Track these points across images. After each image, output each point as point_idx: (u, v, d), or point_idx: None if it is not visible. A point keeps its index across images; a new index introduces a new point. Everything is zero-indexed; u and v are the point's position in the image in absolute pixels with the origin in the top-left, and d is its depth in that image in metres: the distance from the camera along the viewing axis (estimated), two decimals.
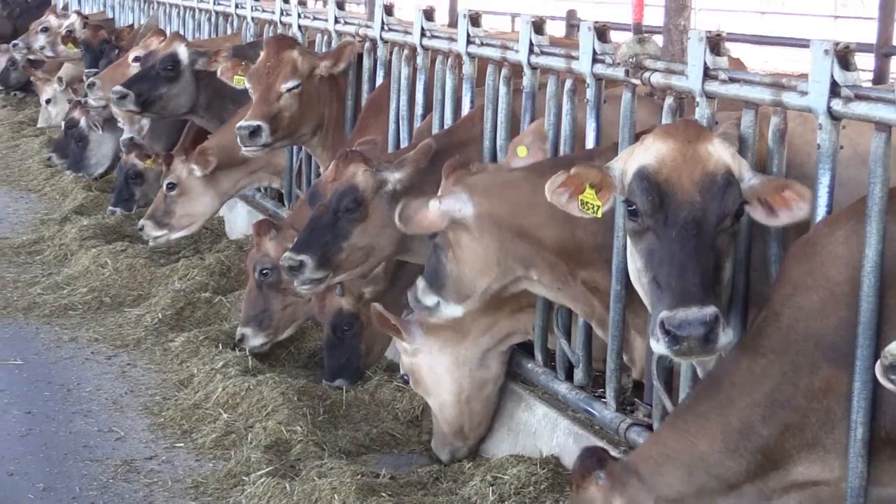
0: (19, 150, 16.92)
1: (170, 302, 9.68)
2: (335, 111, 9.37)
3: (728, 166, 4.81)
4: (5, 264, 11.21)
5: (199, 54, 10.88)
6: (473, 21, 7.83)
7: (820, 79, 4.89)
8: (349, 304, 7.95)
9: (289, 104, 8.99)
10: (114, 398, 8.13)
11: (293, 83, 9.00)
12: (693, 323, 4.54)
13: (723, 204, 4.75)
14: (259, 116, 8.85)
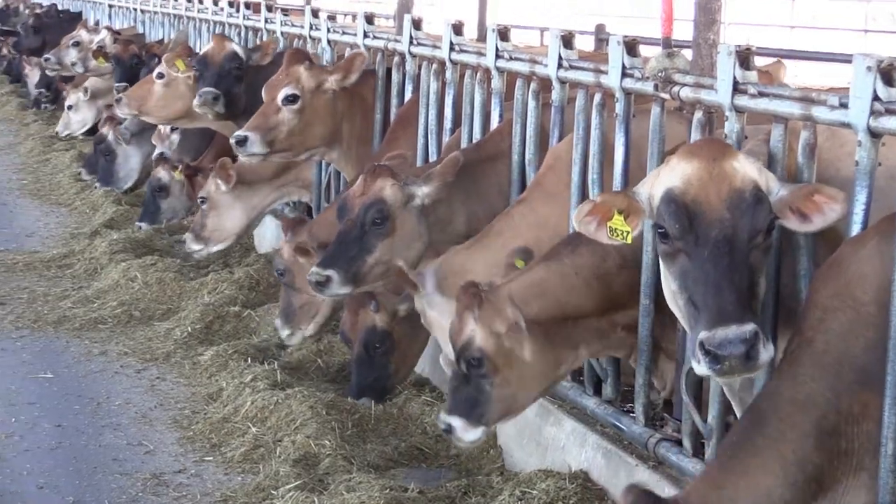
0: (50, 164, 17.01)
1: (199, 316, 9.71)
2: (357, 125, 9.36)
3: (755, 181, 4.77)
4: (36, 278, 11.26)
5: (252, 50, 10.93)
6: (502, 35, 7.83)
7: (862, 95, 4.84)
8: (383, 321, 7.94)
9: (287, 118, 9.02)
10: (143, 412, 8.15)
11: (291, 97, 9.03)
12: (733, 341, 4.50)
13: (753, 220, 4.71)
14: (250, 128, 8.98)
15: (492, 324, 5.72)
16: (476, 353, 5.73)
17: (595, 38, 15.98)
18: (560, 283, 5.94)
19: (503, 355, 5.75)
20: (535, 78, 7.35)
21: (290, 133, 9.03)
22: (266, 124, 8.98)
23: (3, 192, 15.38)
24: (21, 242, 12.72)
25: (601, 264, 6.01)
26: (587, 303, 5.96)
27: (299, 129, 9.05)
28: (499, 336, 5.72)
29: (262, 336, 9.36)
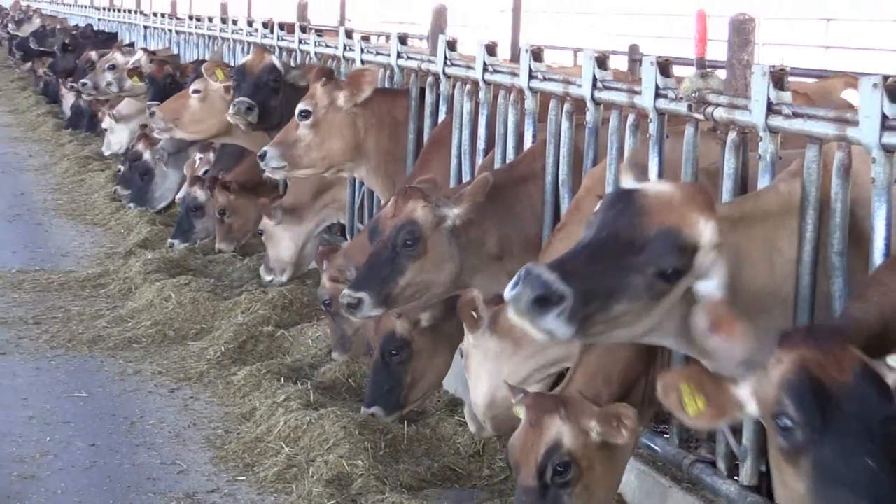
0: (85, 184, 17.11)
1: (232, 335, 9.73)
2: (385, 142, 9.36)
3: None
4: (71, 298, 11.31)
5: (291, 67, 11.00)
6: (535, 56, 7.84)
7: (870, 113, 4.86)
8: (403, 328, 7.85)
9: (303, 134, 9.09)
10: (177, 431, 8.16)
11: (304, 113, 9.10)
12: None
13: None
14: (272, 143, 9.17)
15: (583, 422, 5.46)
16: (565, 456, 5.44)
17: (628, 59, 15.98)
18: (612, 360, 5.80)
19: (587, 458, 5.47)
20: (569, 98, 7.35)
21: (307, 148, 9.08)
22: (286, 140, 9.09)
23: (39, 212, 15.47)
24: (56, 262, 12.78)
25: None
26: (640, 366, 5.87)
27: (316, 145, 9.09)
28: (588, 436, 5.46)
29: (295, 356, 9.38)
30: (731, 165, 5.81)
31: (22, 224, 14.77)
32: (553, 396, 5.69)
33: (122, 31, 25.17)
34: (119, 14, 27.09)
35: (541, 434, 5.52)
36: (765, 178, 5.60)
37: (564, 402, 5.59)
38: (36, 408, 8.52)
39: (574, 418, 5.52)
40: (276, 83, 10.82)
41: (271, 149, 9.05)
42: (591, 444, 5.53)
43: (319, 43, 12.31)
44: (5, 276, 12.00)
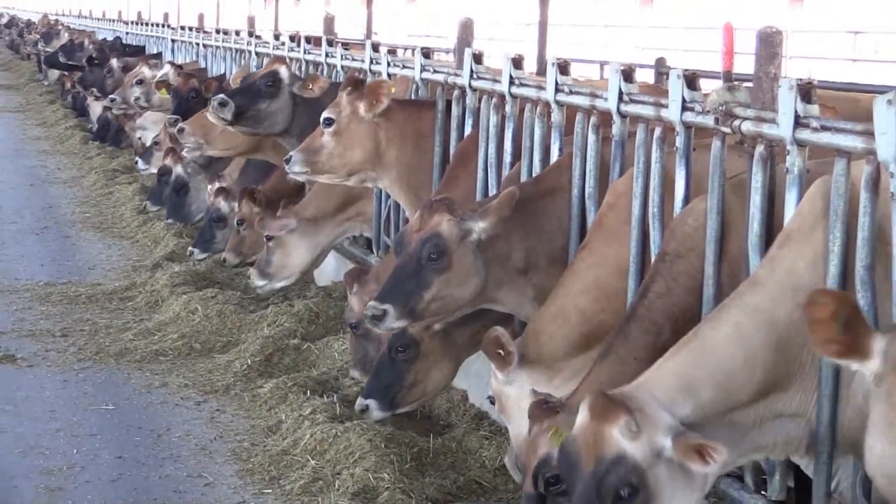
0: (113, 197, 17.19)
1: (259, 348, 9.75)
2: (408, 154, 9.34)
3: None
4: (98, 310, 11.36)
5: (298, 78, 11.02)
6: (562, 69, 7.82)
7: (886, 130, 4.85)
8: (415, 328, 7.85)
9: (326, 141, 9.10)
10: (203, 444, 8.18)
11: (328, 121, 9.12)
12: None
13: None
14: (297, 148, 9.22)
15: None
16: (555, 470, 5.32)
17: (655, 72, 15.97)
18: (622, 373, 5.73)
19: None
20: (595, 111, 7.34)
21: (329, 156, 9.10)
22: (309, 146, 9.13)
23: (67, 225, 15.55)
24: (83, 275, 12.84)
25: (656, 340, 5.88)
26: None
27: (337, 153, 9.11)
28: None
29: (321, 369, 9.39)
30: (758, 179, 5.79)
31: (50, 237, 14.84)
32: (550, 407, 5.68)
33: (150, 44, 25.29)
34: (146, 28, 27.23)
35: (535, 447, 5.57)
36: (792, 192, 5.57)
37: (555, 414, 5.59)
38: (63, 420, 8.55)
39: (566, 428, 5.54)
40: (271, 88, 10.85)
41: (296, 154, 9.12)
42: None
43: (346, 56, 12.34)
44: (33, 289, 12.06)
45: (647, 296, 5.99)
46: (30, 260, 13.51)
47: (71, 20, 43.89)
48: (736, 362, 5.03)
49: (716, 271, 5.96)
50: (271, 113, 10.88)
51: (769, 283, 5.14)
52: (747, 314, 5.11)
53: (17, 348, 10.08)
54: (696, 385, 5.00)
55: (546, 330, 6.65)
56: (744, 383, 5.06)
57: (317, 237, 10.72)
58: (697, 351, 5.09)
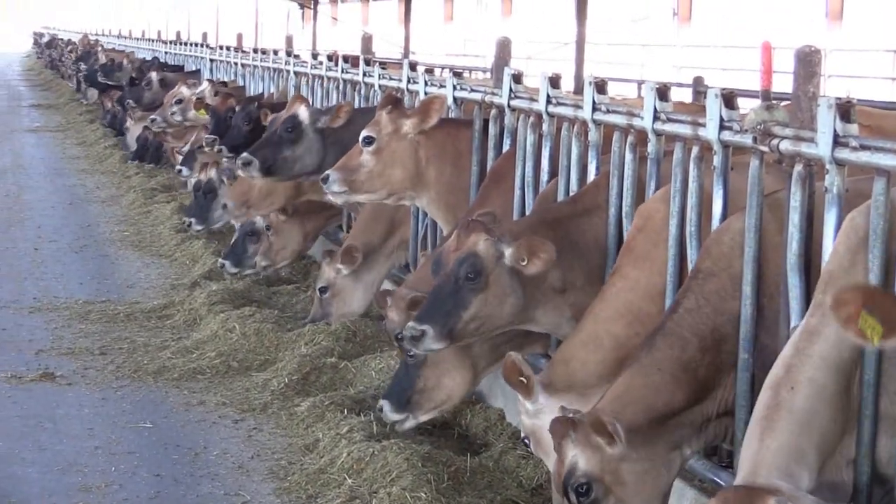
0: (151, 215, 17.27)
1: (296, 367, 9.76)
2: (447, 173, 9.35)
3: None
4: (136, 329, 11.40)
5: (321, 112, 11.03)
6: (599, 88, 7.83)
7: None
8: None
9: (365, 160, 9.10)
10: (240, 462, 8.19)
11: (368, 139, 9.12)
12: None
13: None
14: (334, 167, 9.21)
15: (590, 441, 5.58)
16: (582, 478, 5.58)
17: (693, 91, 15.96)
18: (645, 384, 5.82)
19: (610, 474, 5.59)
20: (633, 130, 7.33)
21: (369, 175, 9.11)
22: (347, 165, 9.12)
23: (105, 244, 15.63)
24: (122, 293, 12.90)
25: (682, 354, 5.90)
26: (677, 396, 5.83)
27: (378, 171, 9.12)
28: (602, 453, 5.58)
29: (358, 387, 9.39)
30: (797, 198, 5.77)
31: (89, 255, 14.92)
32: (567, 420, 5.70)
33: (189, 63, 25.45)
34: (185, 47, 27.38)
35: (561, 459, 5.62)
36: (831, 212, 5.55)
37: (574, 425, 5.60)
38: (101, 438, 8.58)
39: (584, 438, 5.56)
40: (292, 133, 10.88)
41: (334, 173, 9.12)
42: (610, 458, 5.57)
43: (383, 76, 12.37)
44: (72, 307, 12.12)
45: (678, 311, 5.99)
46: (69, 278, 13.58)
47: (111, 40, 44.20)
48: (825, 419, 5.02)
49: (754, 291, 5.94)
50: (299, 157, 10.94)
51: (825, 329, 5.07)
52: (817, 367, 5.04)
53: (56, 366, 10.14)
54: (805, 453, 5.01)
55: (577, 356, 6.63)
56: (835, 436, 5.09)
57: (371, 275, 10.84)
58: (788, 419, 5.04)
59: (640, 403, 5.77)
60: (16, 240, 15.77)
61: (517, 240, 6.90)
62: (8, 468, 8.00)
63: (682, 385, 5.85)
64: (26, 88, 46.71)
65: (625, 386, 5.85)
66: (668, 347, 5.89)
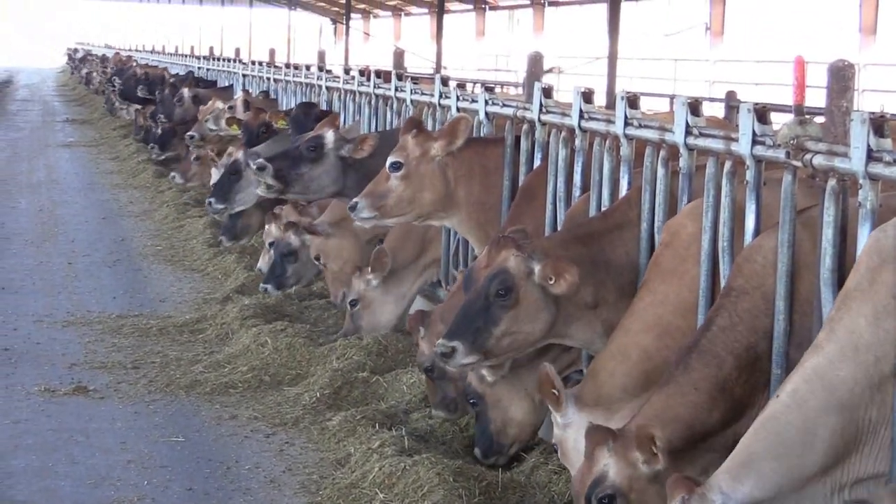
0: (184, 230, 17.33)
1: (328, 381, 9.76)
2: (476, 191, 9.33)
3: None
4: (169, 343, 11.44)
5: (346, 140, 11.02)
6: (631, 103, 7.82)
7: None
8: (476, 381, 7.91)
9: (394, 185, 9.06)
10: (272, 476, 8.20)
11: (396, 165, 9.08)
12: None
13: None
14: (362, 194, 9.17)
15: (627, 455, 5.57)
16: (609, 489, 5.58)
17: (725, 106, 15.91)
18: (682, 404, 5.81)
19: (638, 492, 5.58)
20: (665, 145, 7.32)
21: (399, 199, 9.07)
22: (375, 191, 9.09)
23: (138, 258, 15.69)
24: (154, 307, 12.95)
25: (718, 373, 5.88)
26: (713, 416, 5.82)
27: (408, 196, 9.08)
28: (635, 470, 5.58)
29: (389, 402, 9.39)
30: (830, 213, 5.75)
31: (122, 269, 14.98)
32: (607, 429, 5.68)
33: (221, 79, 25.57)
34: (218, 63, 27.52)
35: (591, 466, 5.60)
36: (865, 227, 5.52)
37: (615, 435, 5.58)
38: (134, 451, 8.60)
39: (622, 451, 5.55)
40: (314, 152, 10.90)
41: (362, 199, 9.08)
42: (641, 476, 5.56)
43: (415, 91, 12.39)
44: (105, 321, 12.17)
45: (711, 329, 5.97)
46: (102, 292, 13.64)
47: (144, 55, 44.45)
48: (791, 430, 4.97)
49: (787, 307, 5.92)
50: (316, 177, 10.95)
51: (827, 346, 5.06)
52: (805, 379, 5.05)
53: (89, 380, 10.17)
54: (756, 459, 4.99)
55: (605, 367, 6.65)
56: (805, 451, 5.00)
57: (401, 288, 10.86)
58: (758, 423, 5.06)
59: (678, 423, 5.75)
60: (50, 254, 15.85)
61: (546, 257, 6.90)
62: (41, 481, 8.03)
63: (719, 405, 5.83)
64: (60, 104, 47.01)
65: (662, 404, 5.83)
66: (703, 366, 5.87)
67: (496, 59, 54.45)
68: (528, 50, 10.84)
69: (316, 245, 11.87)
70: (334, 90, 15.78)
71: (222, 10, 67.39)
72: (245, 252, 15.15)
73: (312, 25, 78.11)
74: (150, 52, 45.80)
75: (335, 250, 11.75)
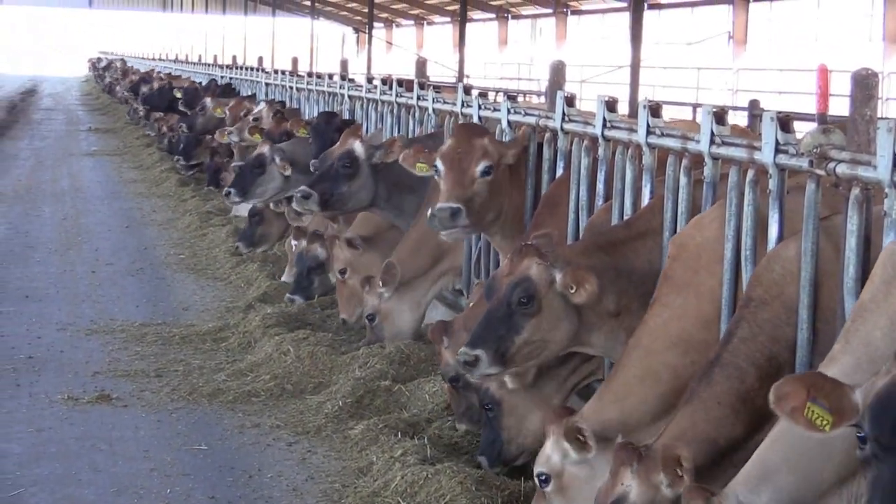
0: (207, 238, 17.37)
1: (350, 390, 9.77)
2: (514, 199, 9.38)
3: None
4: (192, 351, 11.46)
5: (375, 148, 11.03)
6: (653, 111, 7.81)
7: None
8: (494, 387, 7.86)
9: (481, 189, 8.95)
10: (294, 485, 8.20)
11: (486, 169, 8.99)
12: None
13: None
14: (456, 199, 8.80)
15: (650, 477, 5.53)
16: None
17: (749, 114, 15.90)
18: (706, 420, 5.77)
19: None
20: (687, 154, 7.31)
21: (482, 205, 8.99)
22: (465, 195, 8.88)
23: (161, 267, 15.73)
24: (177, 316, 12.97)
25: (741, 385, 5.84)
26: (737, 430, 5.79)
27: (488, 202, 9.03)
28: (657, 493, 5.54)
29: (412, 411, 9.39)
30: (854, 222, 5.73)
31: (145, 278, 15.02)
32: (633, 449, 5.65)
33: (244, 88, 25.63)
34: (241, 71, 27.59)
35: (614, 484, 5.58)
36: (890, 236, 5.50)
37: (640, 456, 5.55)
38: (157, 460, 8.62)
39: (644, 473, 5.51)
40: (350, 168, 10.93)
41: (462, 206, 8.77)
42: (663, 499, 5.52)
43: (437, 99, 12.40)
44: (128, 330, 12.20)
45: (731, 341, 5.93)
46: (125, 301, 13.68)
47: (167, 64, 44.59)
48: (808, 441, 4.89)
49: (810, 315, 5.90)
50: (354, 192, 11.04)
51: (843, 357, 5.03)
52: None
53: (113, 388, 10.20)
54: (772, 471, 4.97)
55: (634, 393, 6.52)
56: (823, 462, 4.97)
57: (415, 297, 10.84)
58: (773, 435, 5.04)
59: (703, 441, 5.72)
60: (73, 262, 15.90)
61: (567, 265, 6.88)
62: (64, 489, 8.05)
63: (742, 417, 5.79)
64: (84, 113, 47.18)
65: (688, 422, 5.79)
66: (725, 379, 5.83)
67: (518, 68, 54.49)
68: (550, 59, 10.84)
69: (345, 259, 11.74)
70: (357, 99, 15.80)
71: (245, 19, 67.60)
72: (267, 260, 15.19)
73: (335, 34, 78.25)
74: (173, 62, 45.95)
75: (366, 266, 11.64)
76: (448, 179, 8.92)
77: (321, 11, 69.92)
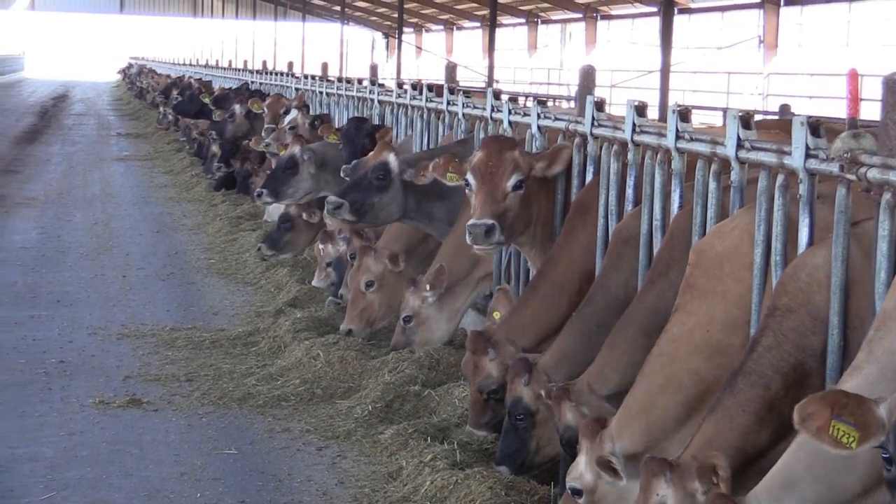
0: (237, 243, 17.42)
1: (380, 394, 9.78)
2: (543, 208, 9.36)
3: None
4: (222, 356, 11.49)
5: (408, 164, 11.02)
6: (683, 116, 7.79)
7: None
8: (530, 397, 7.85)
9: (513, 203, 8.94)
10: (324, 489, 8.21)
11: (518, 183, 8.97)
12: None
13: None
14: (490, 215, 8.77)
15: (685, 486, 5.52)
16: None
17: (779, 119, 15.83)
18: (731, 428, 5.75)
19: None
20: (716, 159, 7.29)
21: (515, 218, 9.00)
22: (498, 210, 8.87)
23: (192, 271, 15.78)
24: (208, 320, 13.01)
25: (765, 393, 5.81)
26: (762, 437, 5.77)
27: (520, 214, 9.04)
28: (694, 499, 5.53)
29: (441, 415, 9.39)
30: (885, 227, 5.71)
31: (175, 283, 15.07)
32: (663, 460, 5.64)
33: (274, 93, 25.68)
34: (271, 77, 27.66)
35: (647, 497, 5.56)
36: None
37: (672, 466, 5.55)
38: (187, 464, 8.65)
39: (679, 482, 5.50)
40: (383, 181, 10.94)
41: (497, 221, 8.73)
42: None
43: (467, 104, 12.41)
44: (159, 334, 12.25)
45: (756, 349, 5.90)
46: (156, 305, 13.73)
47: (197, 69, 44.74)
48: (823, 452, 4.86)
49: (840, 321, 5.87)
50: (385, 204, 11.03)
51: (867, 367, 5.00)
52: None
53: (143, 392, 10.24)
54: (796, 480, 4.95)
55: (658, 403, 6.51)
56: (847, 471, 4.94)
57: (455, 304, 10.79)
58: (797, 444, 5.02)
59: (730, 449, 5.69)
60: (104, 267, 15.97)
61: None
62: (95, 493, 8.09)
63: (767, 425, 5.76)
64: (115, 118, 47.39)
65: (713, 431, 5.77)
66: (749, 387, 5.81)
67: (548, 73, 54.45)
68: (580, 63, 10.83)
69: (377, 272, 11.60)
70: (386, 104, 15.82)
71: (276, 24, 67.77)
72: (297, 265, 15.22)
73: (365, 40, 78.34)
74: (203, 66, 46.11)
75: (393, 283, 11.49)
76: (481, 194, 8.92)
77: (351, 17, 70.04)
